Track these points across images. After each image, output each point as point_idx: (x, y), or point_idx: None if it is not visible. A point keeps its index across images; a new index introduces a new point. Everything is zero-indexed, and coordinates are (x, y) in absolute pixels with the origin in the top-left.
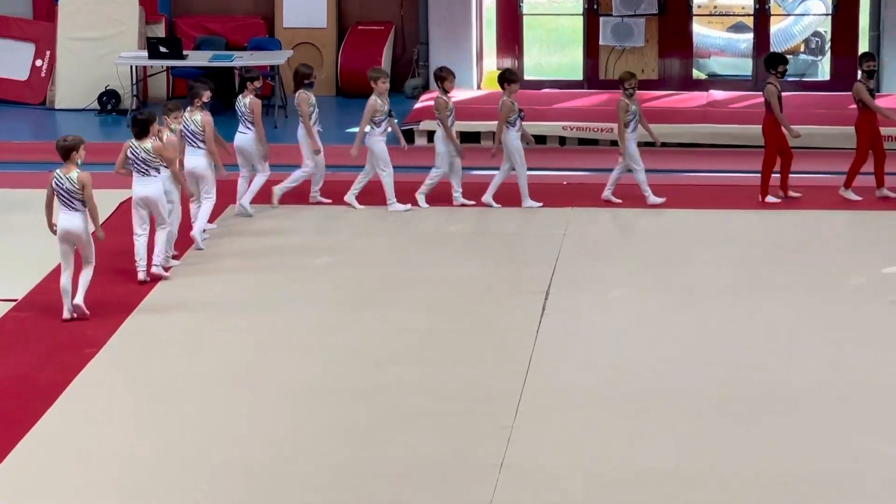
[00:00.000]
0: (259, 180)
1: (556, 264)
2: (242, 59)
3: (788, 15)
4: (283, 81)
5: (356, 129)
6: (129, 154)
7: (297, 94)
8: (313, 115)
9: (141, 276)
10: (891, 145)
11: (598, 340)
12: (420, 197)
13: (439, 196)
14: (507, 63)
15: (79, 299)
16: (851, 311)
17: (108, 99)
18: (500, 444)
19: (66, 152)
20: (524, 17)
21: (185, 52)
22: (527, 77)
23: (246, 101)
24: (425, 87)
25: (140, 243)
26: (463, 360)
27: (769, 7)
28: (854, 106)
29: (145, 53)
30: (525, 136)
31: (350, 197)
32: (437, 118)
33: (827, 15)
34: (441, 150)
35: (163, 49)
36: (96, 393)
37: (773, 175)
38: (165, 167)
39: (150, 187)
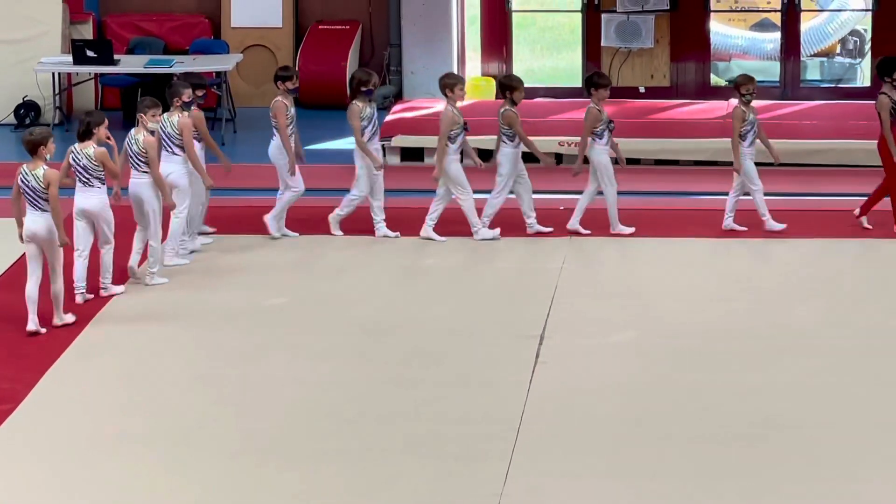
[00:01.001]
0: (287, 197)
1: (552, 303)
2: (184, 65)
3: (822, 11)
4: (231, 90)
5: (321, 146)
6: (71, 160)
7: (349, 107)
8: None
9: (79, 298)
10: None
11: (600, 392)
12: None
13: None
14: (493, 68)
15: (59, 320)
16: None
17: (27, 111)
18: None
19: (33, 147)
20: (513, 13)
21: (116, 57)
22: None
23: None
24: (398, 96)
25: (80, 263)
26: (447, 416)
27: (799, 2)
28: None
29: (70, 58)
30: (616, 153)
31: (428, 230)
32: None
33: (867, 11)
34: (505, 173)
35: (90, 53)
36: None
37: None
38: (102, 181)
39: (92, 199)
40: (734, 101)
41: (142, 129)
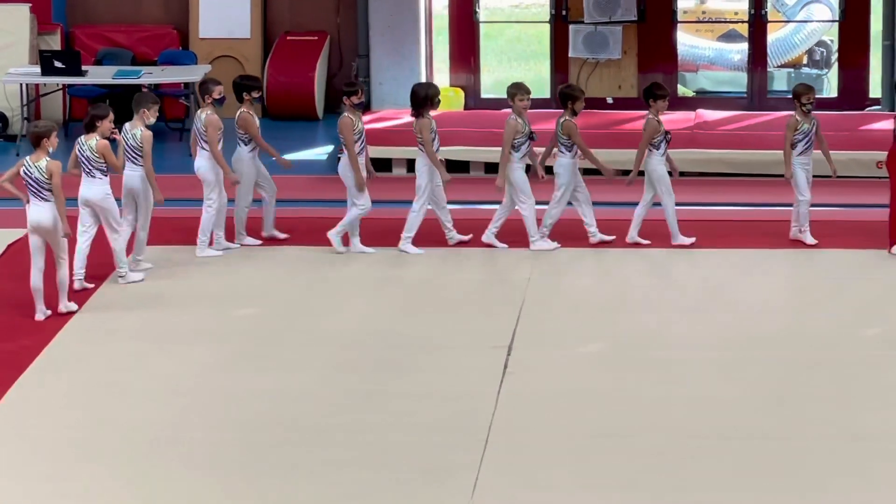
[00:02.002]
0: (353, 213)
1: (521, 314)
2: (152, 76)
3: (789, 22)
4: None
5: (289, 157)
6: (77, 151)
7: (419, 121)
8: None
9: (77, 284)
10: None
11: (568, 404)
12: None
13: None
14: (461, 79)
15: (63, 307)
16: (868, 367)
17: None
18: None
19: (37, 139)
20: (481, 24)
21: (84, 68)
22: (484, 95)
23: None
24: (366, 107)
25: (81, 251)
26: (415, 427)
27: (766, 12)
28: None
29: (38, 69)
30: (670, 163)
31: (489, 236)
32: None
33: (833, 22)
34: (563, 183)
35: (58, 64)
36: None
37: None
38: (104, 172)
39: (95, 189)
40: (703, 113)
41: (138, 125)
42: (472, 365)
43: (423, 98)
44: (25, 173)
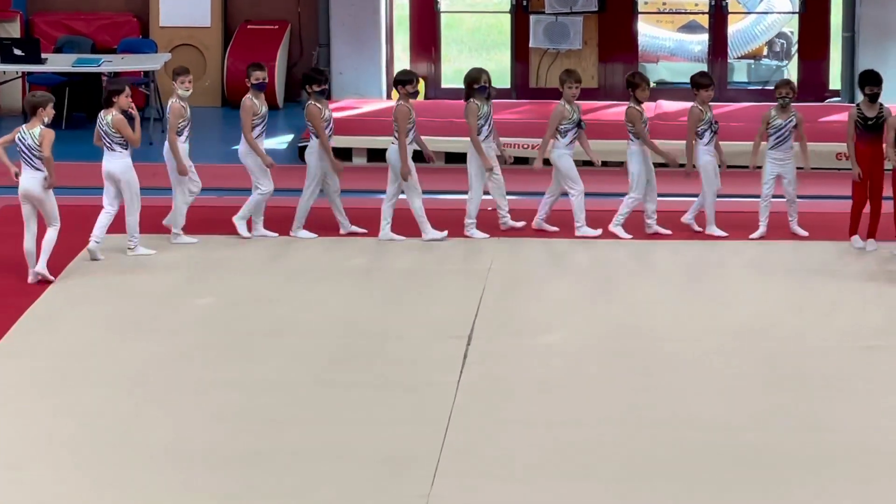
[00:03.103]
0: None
1: (481, 303)
2: (112, 64)
3: (749, 13)
4: (160, 90)
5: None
6: (98, 126)
7: (466, 105)
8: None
9: (91, 244)
10: None
11: (527, 393)
12: (618, 228)
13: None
14: (422, 69)
15: (41, 266)
16: (822, 358)
17: None
18: None
19: (33, 108)
20: (441, 14)
21: (43, 56)
22: (444, 85)
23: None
24: (327, 97)
25: (103, 216)
26: (372, 418)
27: (727, 3)
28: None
29: None
30: (718, 152)
31: (539, 222)
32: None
33: (794, 14)
34: (634, 171)
35: (17, 52)
36: None
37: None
38: (123, 146)
39: (115, 163)
40: (663, 103)
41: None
42: (431, 355)
43: (465, 83)
44: (20, 139)
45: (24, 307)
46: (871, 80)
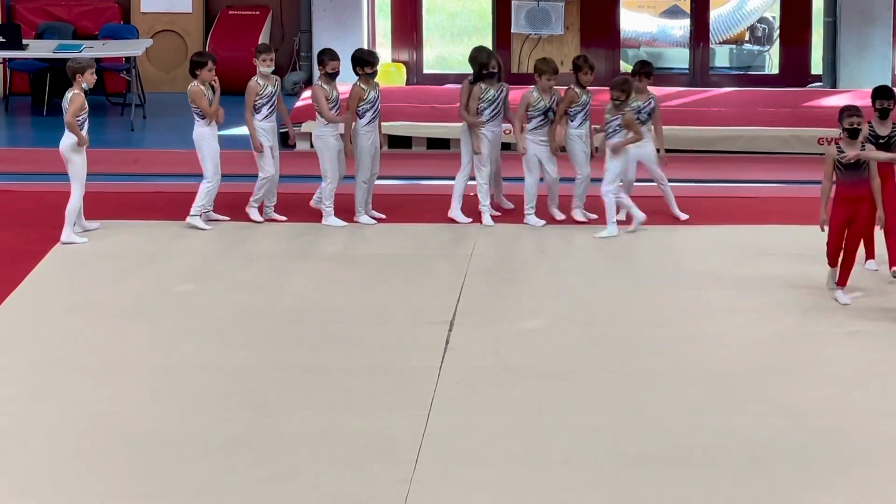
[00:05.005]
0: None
1: (462, 289)
2: (93, 50)
3: None
4: (141, 75)
5: (230, 132)
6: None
7: (466, 86)
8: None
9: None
10: None
11: (510, 379)
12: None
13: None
14: (403, 54)
15: (66, 236)
16: (808, 343)
17: None
18: (397, 501)
19: (71, 74)
20: (423, 0)
21: (25, 42)
22: (427, 71)
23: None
24: (307, 82)
25: (202, 187)
26: (353, 403)
27: None
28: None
29: None
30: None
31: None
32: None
33: None
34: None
35: None
36: None
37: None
38: (200, 116)
39: (194, 131)
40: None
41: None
42: (413, 341)
43: (474, 64)
44: (63, 103)
45: (5, 294)
46: (883, 94)
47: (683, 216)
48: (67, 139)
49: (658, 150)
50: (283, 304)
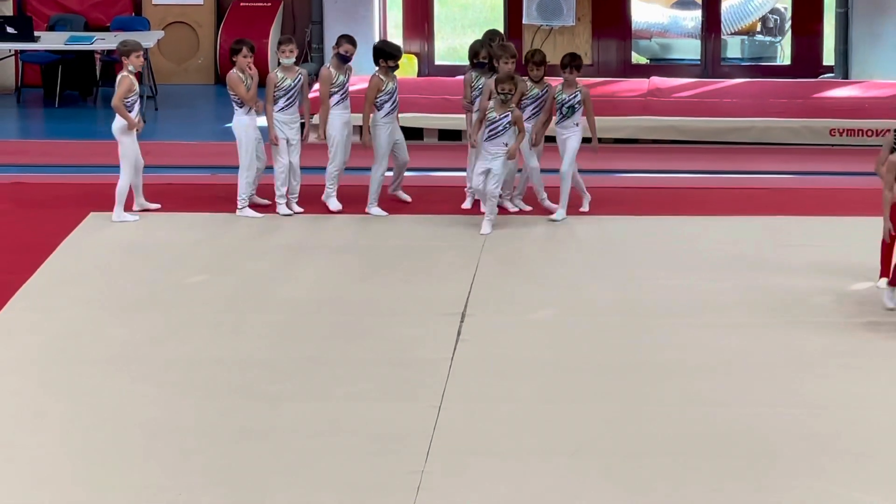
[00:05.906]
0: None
1: (474, 281)
2: (105, 41)
3: None
4: (153, 67)
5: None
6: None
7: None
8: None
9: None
10: None
11: (521, 371)
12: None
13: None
14: (415, 46)
15: (116, 215)
16: (816, 337)
17: None
18: (408, 492)
19: (121, 55)
20: None
21: (36, 34)
22: (438, 62)
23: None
24: (317, 75)
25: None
26: (366, 394)
27: None
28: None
29: None
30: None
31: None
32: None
33: None
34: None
35: (10, 30)
36: None
37: None
38: (239, 104)
39: (234, 119)
40: (656, 80)
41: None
42: (425, 332)
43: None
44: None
45: (18, 285)
46: None
47: (555, 206)
48: (118, 121)
49: (590, 140)
50: (296, 295)
